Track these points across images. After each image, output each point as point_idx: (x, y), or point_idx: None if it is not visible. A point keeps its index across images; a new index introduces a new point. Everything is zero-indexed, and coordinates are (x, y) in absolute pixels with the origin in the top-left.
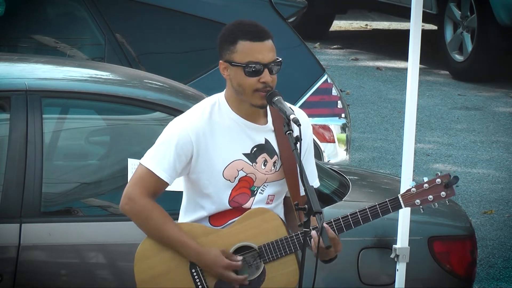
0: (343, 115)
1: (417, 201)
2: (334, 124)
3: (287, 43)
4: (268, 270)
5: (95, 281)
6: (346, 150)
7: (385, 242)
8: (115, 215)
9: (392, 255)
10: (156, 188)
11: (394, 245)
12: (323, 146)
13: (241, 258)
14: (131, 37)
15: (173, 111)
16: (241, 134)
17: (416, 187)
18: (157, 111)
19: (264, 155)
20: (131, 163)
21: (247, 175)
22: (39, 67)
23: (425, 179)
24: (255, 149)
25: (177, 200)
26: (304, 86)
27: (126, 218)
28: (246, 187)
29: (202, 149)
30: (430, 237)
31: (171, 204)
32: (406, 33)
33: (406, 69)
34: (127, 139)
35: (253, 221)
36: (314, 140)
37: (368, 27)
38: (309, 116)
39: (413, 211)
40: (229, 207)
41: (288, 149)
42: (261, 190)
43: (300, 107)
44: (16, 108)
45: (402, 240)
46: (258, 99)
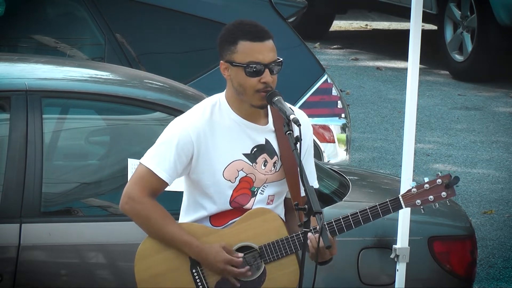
0: (343, 115)
1: (418, 202)
2: (334, 124)
3: (287, 43)
4: (269, 271)
5: (95, 281)
6: (346, 150)
7: (385, 242)
8: (115, 215)
9: (392, 255)
10: (156, 188)
11: (394, 245)
12: (323, 146)
13: (242, 255)
14: (131, 37)
15: (173, 111)
16: (241, 134)
17: (417, 188)
18: (157, 111)
19: (264, 156)
20: (131, 163)
21: (247, 175)
22: (39, 67)
23: (426, 180)
24: (255, 150)
25: (177, 200)
26: (304, 86)
27: (126, 218)
28: (247, 188)
29: (203, 149)
30: (430, 237)
31: (171, 204)
32: (406, 33)
33: (406, 69)
34: (127, 139)
35: (254, 222)
36: (314, 140)
37: (368, 27)
38: (309, 116)
39: (413, 211)
40: (230, 208)
41: (289, 150)
42: (261, 191)
43: (300, 107)
44: (16, 108)
45: (402, 240)
46: (259, 100)
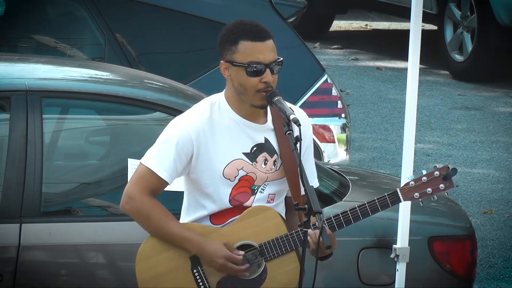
0: (343, 115)
1: (416, 195)
2: (334, 124)
3: (287, 43)
4: (270, 268)
5: (95, 281)
6: (346, 150)
7: (385, 242)
8: (115, 215)
9: (392, 255)
10: (156, 187)
11: (394, 245)
12: (323, 146)
13: (243, 253)
14: (131, 37)
15: (173, 111)
16: (241, 134)
17: (415, 181)
18: (157, 111)
19: (264, 154)
20: (131, 163)
21: (247, 174)
22: (39, 67)
23: (424, 172)
24: (255, 149)
25: (178, 200)
26: (304, 86)
27: (126, 218)
28: (247, 186)
29: (203, 148)
30: (430, 237)
31: (172, 204)
32: (406, 33)
33: (406, 69)
34: (127, 139)
35: (254, 219)
36: (314, 140)
37: (368, 27)
38: (309, 116)
39: (413, 211)
40: (230, 206)
41: (288, 148)
42: (262, 189)
43: (300, 107)
44: (16, 108)
45: (402, 240)
46: (259, 100)
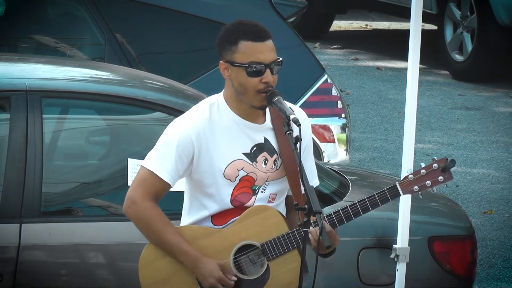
0: (343, 115)
1: (415, 188)
2: (334, 124)
3: (287, 43)
4: (273, 268)
5: (95, 281)
6: (346, 150)
7: (385, 242)
8: (115, 215)
9: (392, 255)
10: (159, 190)
11: (394, 245)
12: (323, 146)
13: (235, 279)
14: (131, 37)
15: (173, 111)
16: (240, 134)
17: (414, 174)
18: (157, 111)
19: (264, 154)
20: (131, 163)
21: (248, 175)
22: (39, 67)
23: (422, 165)
24: (255, 149)
25: (178, 200)
26: (304, 86)
27: (126, 218)
28: (248, 187)
29: (203, 149)
30: (430, 237)
31: (172, 204)
32: (406, 33)
33: (406, 69)
34: (127, 139)
35: (254, 219)
36: (314, 140)
37: (368, 27)
38: (309, 116)
39: (413, 211)
40: (231, 206)
41: (288, 147)
42: (263, 189)
43: (300, 107)
44: (16, 108)
45: (402, 240)
46: (259, 101)
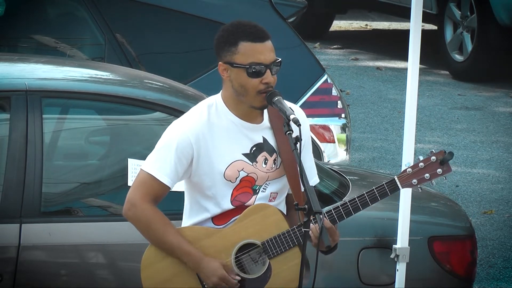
0: (343, 115)
1: (414, 181)
2: (334, 124)
3: (287, 43)
4: (274, 266)
5: (95, 281)
6: (346, 150)
7: (385, 242)
8: (115, 215)
9: (392, 255)
10: (158, 193)
11: (394, 245)
12: (323, 146)
13: (239, 278)
14: (131, 37)
15: (173, 111)
16: (239, 135)
17: (412, 167)
18: (157, 111)
19: (264, 154)
20: (131, 163)
21: (248, 175)
22: (39, 67)
23: (421, 158)
24: (254, 149)
25: (178, 200)
26: (304, 86)
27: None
28: (248, 187)
29: (203, 151)
30: (430, 237)
31: (172, 204)
32: (406, 33)
33: (406, 69)
34: (127, 139)
35: (254, 218)
36: (314, 140)
37: (368, 27)
38: (309, 116)
39: (413, 211)
40: (232, 207)
41: (287, 145)
42: (263, 189)
43: (300, 107)
44: (16, 108)
45: (402, 240)
46: (259, 101)
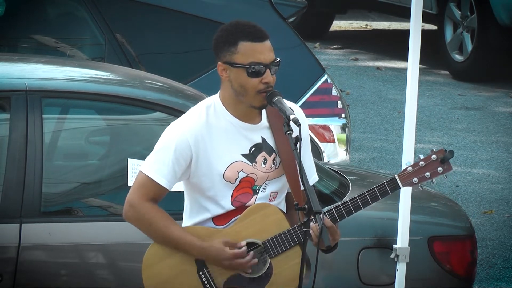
0: (343, 115)
1: (415, 180)
2: (334, 124)
3: (287, 43)
4: (275, 265)
5: (95, 281)
6: (346, 150)
7: (385, 242)
8: (115, 215)
9: (392, 255)
10: (157, 194)
11: (394, 245)
12: (323, 146)
13: (244, 243)
14: (131, 37)
15: (173, 111)
16: (238, 136)
17: (413, 166)
18: (157, 111)
19: (263, 154)
20: (131, 163)
21: (248, 176)
22: (39, 67)
23: (421, 157)
24: (253, 149)
25: (178, 200)
26: (304, 86)
27: None
28: (248, 187)
29: (201, 153)
30: (430, 237)
31: (172, 204)
32: (406, 33)
33: (406, 69)
34: (127, 139)
35: (255, 217)
36: (314, 140)
37: (368, 27)
38: (309, 116)
39: (413, 211)
40: (232, 207)
41: (286, 144)
42: (263, 189)
43: (300, 107)
44: (16, 108)
45: (402, 240)
46: (259, 101)
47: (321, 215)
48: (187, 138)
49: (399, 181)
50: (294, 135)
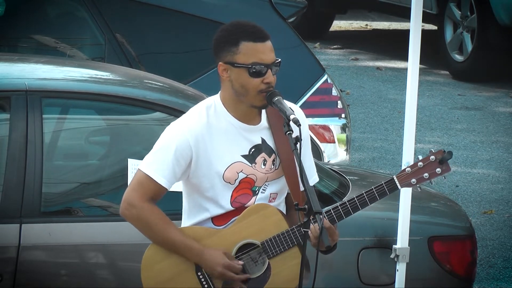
0: (343, 115)
1: (413, 180)
2: (334, 124)
3: (287, 43)
4: (273, 265)
5: (95, 281)
6: (346, 150)
7: (385, 242)
8: (115, 215)
9: (392, 255)
10: (155, 194)
11: (394, 245)
12: (323, 146)
13: (242, 263)
14: (131, 37)
15: (173, 111)
16: (238, 136)
17: (411, 167)
18: (157, 111)
19: (263, 155)
20: (131, 163)
21: (248, 176)
22: (39, 67)
23: (420, 157)
24: (253, 150)
25: (177, 200)
26: (304, 86)
27: None
28: (248, 188)
29: (201, 153)
30: (430, 237)
31: (171, 204)
32: (406, 33)
33: (406, 69)
34: (127, 139)
35: (254, 218)
36: (314, 140)
37: (368, 27)
38: (309, 116)
39: (413, 211)
40: (232, 208)
41: (286, 145)
42: (263, 190)
43: (300, 107)
44: (16, 108)
45: (402, 240)
46: (260, 101)
47: (321, 215)
48: (188, 138)
49: (398, 182)
50: (294, 135)
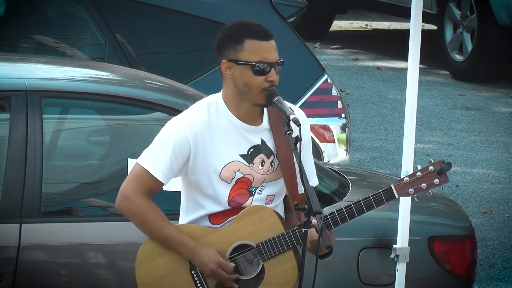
0: (343, 115)
1: (411, 190)
2: (334, 124)
3: (287, 43)
4: (267, 268)
5: (95, 281)
6: (346, 150)
7: (385, 242)
8: (115, 215)
9: (392, 255)
10: (152, 188)
11: (394, 245)
12: (323, 146)
13: (234, 266)
14: (131, 37)
15: (173, 111)
16: (238, 136)
17: (409, 176)
18: (157, 111)
19: (261, 156)
20: (131, 163)
21: (244, 176)
22: (39, 67)
23: (418, 167)
24: (252, 150)
25: (176, 200)
26: (304, 86)
27: (126, 218)
28: (244, 188)
29: (200, 150)
30: (430, 237)
31: (171, 204)
32: (406, 33)
33: (406, 69)
34: (127, 139)
35: (250, 219)
36: (314, 140)
37: (368, 27)
38: (309, 116)
39: (413, 211)
40: (229, 207)
41: (285, 148)
42: (259, 191)
43: (300, 107)
44: (16, 108)
45: (402, 240)
46: (262, 99)
47: (321, 215)
48: (187, 135)
49: (395, 191)
50: (294, 135)
